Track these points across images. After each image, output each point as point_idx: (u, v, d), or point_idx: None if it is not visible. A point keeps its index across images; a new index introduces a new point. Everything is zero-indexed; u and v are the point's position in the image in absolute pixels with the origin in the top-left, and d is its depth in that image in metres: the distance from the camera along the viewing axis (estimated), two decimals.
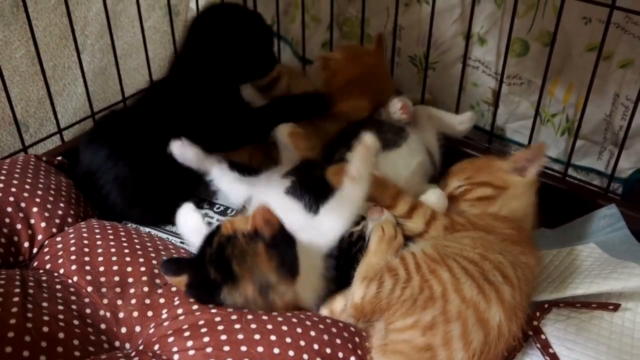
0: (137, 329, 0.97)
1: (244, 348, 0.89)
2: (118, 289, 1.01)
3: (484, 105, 1.60)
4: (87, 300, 0.99)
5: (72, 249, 1.06)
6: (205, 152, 1.24)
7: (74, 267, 1.03)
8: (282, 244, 0.96)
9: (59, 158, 1.34)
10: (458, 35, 1.54)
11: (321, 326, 0.95)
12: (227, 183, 1.25)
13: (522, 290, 0.99)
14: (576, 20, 1.35)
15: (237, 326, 0.92)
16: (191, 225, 1.19)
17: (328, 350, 0.92)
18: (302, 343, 0.91)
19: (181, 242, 1.28)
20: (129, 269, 1.03)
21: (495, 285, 0.96)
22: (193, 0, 1.69)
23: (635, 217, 1.29)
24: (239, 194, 1.24)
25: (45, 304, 0.93)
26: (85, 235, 1.10)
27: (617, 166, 1.36)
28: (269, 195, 1.16)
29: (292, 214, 1.08)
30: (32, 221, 1.13)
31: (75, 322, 0.93)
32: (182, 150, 1.22)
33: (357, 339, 0.96)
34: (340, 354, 0.92)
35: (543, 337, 1.02)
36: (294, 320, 0.95)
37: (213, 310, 0.96)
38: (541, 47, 1.42)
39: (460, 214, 1.18)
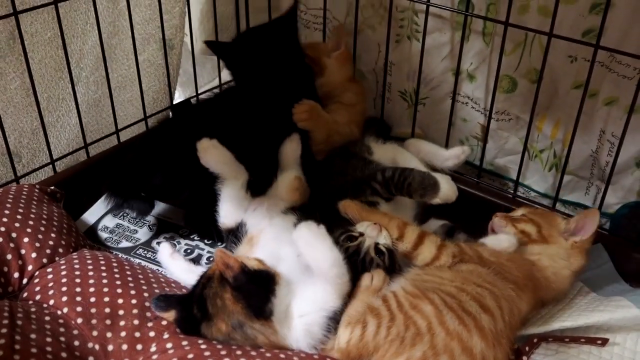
0: None
1: None
2: (108, 321, 1.00)
3: (473, 140, 1.62)
4: (75, 332, 0.98)
5: (64, 280, 1.06)
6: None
7: (64, 298, 1.03)
8: (247, 286, 0.97)
9: (52, 188, 1.34)
10: (447, 71, 1.56)
11: None
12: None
13: (504, 319, 1.01)
14: (562, 59, 1.38)
15: None
16: (175, 269, 1.24)
17: None
18: None
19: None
20: (120, 300, 1.03)
21: (472, 315, 0.97)
22: (187, 34, 1.71)
23: (622, 251, 1.31)
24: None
25: (33, 336, 0.92)
26: (77, 266, 1.09)
27: (604, 201, 1.38)
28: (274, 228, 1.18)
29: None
30: (23, 251, 1.12)
31: (63, 354, 0.93)
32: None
33: None
34: None
35: None
36: (282, 356, 0.95)
37: (202, 345, 0.95)
38: (529, 84, 1.45)
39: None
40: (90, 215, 1.43)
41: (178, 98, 1.83)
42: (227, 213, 1.26)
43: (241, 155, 1.29)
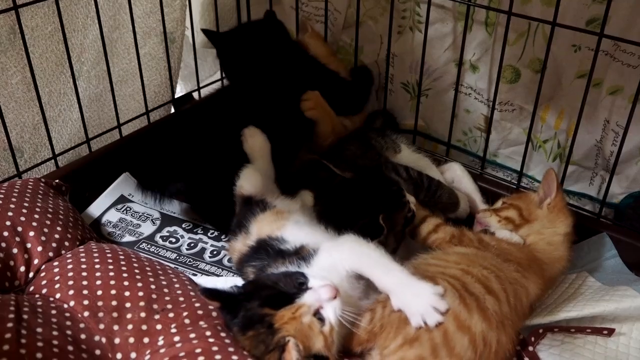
0: (133, 355, 0.96)
1: None
2: (115, 314, 1.00)
3: (476, 132, 1.62)
4: (82, 325, 0.98)
5: (70, 274, 1.06)
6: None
7: (71, 291, 1.03)
8: None
9: (57, 181, 1.34)
10: (450, 62, 1.56)
11: None
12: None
13: (510, 303, 1.02)
14: (566, 48, 1.37)
15: (235, 358, 0.91)
16: None
17: None
18: None
19: (175, 266, 1.28)
20: (127, 293, 1.03)
21: (475, 296, 0.98)
22: (189, 28, 1.71)
23: (627, 242, 1.30)
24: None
25: (39, 330, 0.92)
26: (83, 259, 1.09)
27: (609, 191, 1.37)
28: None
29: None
30: (29, 245, 1.12)
31: (70, 347, 0.92)
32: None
33: None
34: None
35: None
36: None
37: (210, 339, 0.95)
38: (532, 74, 1.44)
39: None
40: (93, 210, 1.43)
41: (180, 92, 1.83)
42: (249, 179, 1.27)
43: None
